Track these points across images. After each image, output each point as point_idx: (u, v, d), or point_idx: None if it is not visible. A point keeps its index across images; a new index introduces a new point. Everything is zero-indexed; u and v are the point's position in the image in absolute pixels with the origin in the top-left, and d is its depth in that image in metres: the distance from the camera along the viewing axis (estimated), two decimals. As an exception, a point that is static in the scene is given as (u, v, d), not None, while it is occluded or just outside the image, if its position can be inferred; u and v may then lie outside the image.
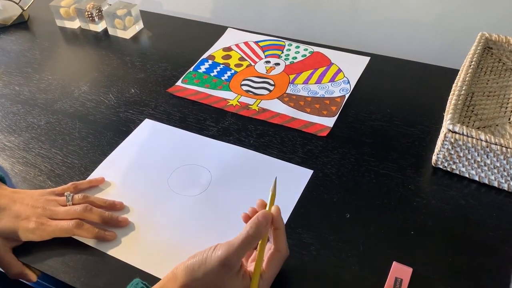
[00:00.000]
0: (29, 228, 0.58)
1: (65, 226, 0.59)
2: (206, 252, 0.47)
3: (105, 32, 1.05)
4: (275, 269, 0.50)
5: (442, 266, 0.55)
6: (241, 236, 0.47)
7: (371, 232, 0.59)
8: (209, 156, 0.71)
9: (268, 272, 0.50)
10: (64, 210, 0.61)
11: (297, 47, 0.94)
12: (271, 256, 0.50)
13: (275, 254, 0.50)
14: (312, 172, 0.67)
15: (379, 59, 0.89)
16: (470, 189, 0.64)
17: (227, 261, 0.46)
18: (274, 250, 0.51)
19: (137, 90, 0.86)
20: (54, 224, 0.59)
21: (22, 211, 0.60)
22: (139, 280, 0.51)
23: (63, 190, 0.65)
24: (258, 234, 0.48)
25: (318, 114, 0.77)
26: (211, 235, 0.60)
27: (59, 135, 0.78)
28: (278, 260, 0.51)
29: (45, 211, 0.60)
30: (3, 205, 0.60)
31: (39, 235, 0.59)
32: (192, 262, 0.47)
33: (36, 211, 0.60)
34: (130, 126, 0.78)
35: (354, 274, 0.55)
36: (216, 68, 0.91)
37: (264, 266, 0.50)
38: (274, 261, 0.50)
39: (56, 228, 0.59)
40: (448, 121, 0.61)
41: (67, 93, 0.87)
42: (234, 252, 0.46)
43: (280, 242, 0.51)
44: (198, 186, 0.67)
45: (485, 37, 0.76)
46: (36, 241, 0.59)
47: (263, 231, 0.48)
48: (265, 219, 0.49)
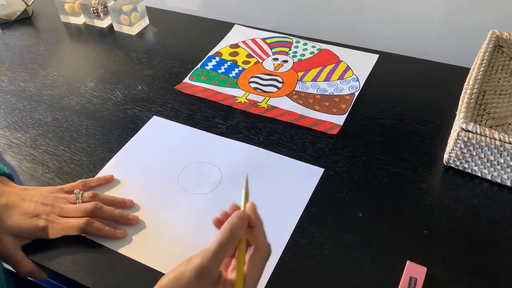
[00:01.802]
0: (38, 226, 0.58)
1: (75, 224, 0.59)
2: (179, 267, 0.43)
3: (110, 28, 1.04)
4: (259, 270, 0.45)
5: (456, 265, 0.55)
6: (215, 242, 0.43)
7: (384, 231, 0.59)
8: (219, 153, 0.71)
9: (251, 275, 0.44)
10: (74, 208, 0.60)
11: (305, 44, 0.94)
12: (251, 257, 0.45)
13: (256, 254, 0.45)
14: (323, 171, 0.67)
15: (388, 57, 0.89)
16: (482, 188, 0.64)
17: (203, 270, 0.41)
18: (254, 250, 0.46)
19: (144, 87, 0.86)
20: (64, 222, 0.59)
21: (32, 209, 0.59)
22: None
23: (72, 187, 0.64)
24: (234, 238, 0.43)
25: (327, 112, 0.77)
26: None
27: (66, 132, 0.77)
28: (260, 259, 0.45)
29: (54, 209, 0.60)
30: (12, 202, 0.60)
31: (48, 233, 0.58)
32: (167, 282, 0.43)
33: (45, 209, 0.59)
34: (138, 123, 0.77)
35: (367, 273, 0.55)
36: (223, 65, 0.90)
37: (246, 269, 0.45)
38: (256, 261, 0.45)
39: (66, 226, 0.58)
40: (461, 120, 0.61)
41: (73, 89, 0.87)
42: (209, 260, 0.42)
43: (259, 240, 0.45)
44: (208, 184, 0.66)
45: (496, 35, 0.76)
46: (46, 238, 0.59)
47: (238, 234, 0.44)
48: (240, 220, 0.44)
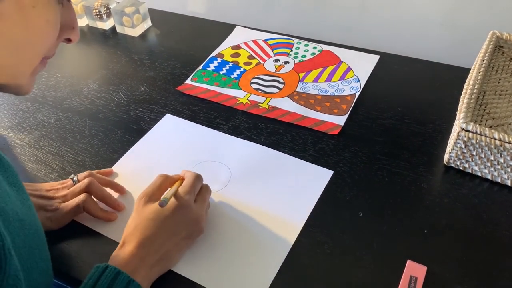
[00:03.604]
0: (46, 217, 0.60)
1: (75, 202, 0.61)
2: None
3: (113, 30, 1.05)
4: (188, 183, 0.58)
5: (456, 264, 0.55)
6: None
7: (384, 230, 0.59)
8: (229, 153, 0.72)
9: (182, 187, 0.58)
10: (72, 190, 0.63)
11: (306, 45, 0.94)
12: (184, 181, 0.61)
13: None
14: (333, 173, 0.67)
15: (389, 58, 0.89)
16: (482, 187, 0.64)
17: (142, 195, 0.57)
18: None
19: (146, 88, 0.86)
20: (64, 205, 0.61)
21: (35, 203, 0.60)
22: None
23: (67, 180, 0.66)
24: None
25: (328, 113, 0.77)
26: (231, 231, 0.60)
27: (69, 133, 0.78)
28: (187, 179, 0.59)
29: (55, 199, 0.62)
30: None
31: (56, 221, 0.60)
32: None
33: (48, 202, 0.62)
34: (140, 124, 0.78)
35: (368, 272, 0.55)
36: (225, 66, 0.90)
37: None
38: (186, 181, 0.59)
39: (67, 208, 0.61)
40: (461, 120, 0.61)
41: (76, 91, 0.87)
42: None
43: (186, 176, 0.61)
44: (218, 182, 0.67)
45: (496, 36, 0.76)
46: (55, 229, 0.61)
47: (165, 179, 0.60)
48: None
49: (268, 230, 0.60)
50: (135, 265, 0.50)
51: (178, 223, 0.55)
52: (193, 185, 0.58)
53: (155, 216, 0.54)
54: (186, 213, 0.56)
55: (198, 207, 0.57)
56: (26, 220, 0.45)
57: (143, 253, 0.52)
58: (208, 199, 0.61)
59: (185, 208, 0.56)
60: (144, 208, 0.55)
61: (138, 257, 0.51)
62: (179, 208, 0.55)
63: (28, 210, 0.47)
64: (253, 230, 0.60)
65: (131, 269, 0.50)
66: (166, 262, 0.54)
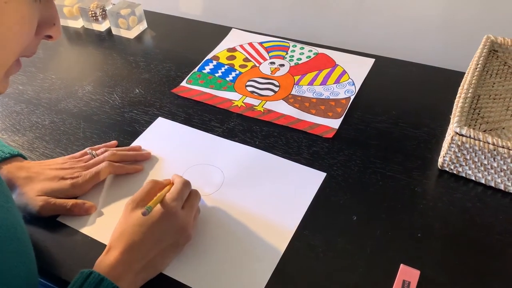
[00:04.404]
0: (67, 184, 0.63)
1: (100, 168, 0.66)
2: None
3: (108, 31, 1.05)
4: (176, 190, 0.58)
5: (450, 269, 0.55)
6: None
7: (378, 234, 0.59)
8: (222, 156, 0.72)
9: (169, 194, 0.58)
10: (93, 161, 0.67)
11: (301, 48, 0.94)
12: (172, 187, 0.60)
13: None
14: (325, 175, 0.67)
15: (384, 61, 0.89)
16: (476, 192, 0.64)
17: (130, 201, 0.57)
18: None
19: (141, 90, 0.86)
20: (88, 171, 0.65)
21: (55, 174, 0.64)
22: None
23: (82, 154, 0.70)
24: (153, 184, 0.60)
25: (323, 116, 0.77)
26: (223, 235, 0.60)
27: (64, 135, 0.77)
28: (176, 186, 0.59)
29: (75, 169, 0.66)
30: (34, 174, 0.64)
31: (80, 187, 0.64)
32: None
33: (68, 171, 0.65)
34: (135, 126, 0.78)
35: (361, 276, 0.55)
36: (220, 68, 0.90)
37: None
38: (174, 187, 0.59)
39: (91, 174, 0.65)
40: (455, 124, 0.61)
41: (71, 92, 0.87)
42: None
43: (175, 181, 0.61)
44: (210, 186, 0.67)
45: (491, 40, 0.76)
46: (81, 195, 0.65)
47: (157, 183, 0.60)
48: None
49: (260, 233, 0.60)
50: (120, 272, 0.50)
51: (164, 230, 0.54)
52: (180, 191, 0.58)
53: (141, 223, 0.54)
54: (172, 220, 0.55)
55: (185, 214, 0.57)
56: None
57: (129, 260, 0.51)
58: (196, 205, 0.60)
59: (171, 215, 0.55)
60: (131, 214, 0.55)
61: (123, 263, 0.51)
62: (165, 215, 0.55)
63: (5, 213, 0.46)
64: (246, 233, 0.60)
65: (116, 275, 0.49)
66: (151, 269, 0.54)
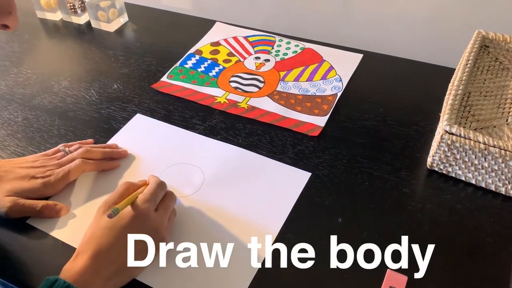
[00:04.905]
0: (38, 183, 0.60)
1: (73, 166, 0.62)
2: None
3: (88, 24, 1.01)
4: (149, 191, 0.55)
5: (439, 274, 0.52)
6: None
7: (364, 237, 0.57)
8: (203, 155, 0.68)
9: (142, 195, 0.55)
10: (66, 158, 0.64)
11: (288, 43, 0.91)
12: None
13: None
14: (310, 175, 0.64)
15: (372, 57, 0.87)
16: (466, 192, 0.62)
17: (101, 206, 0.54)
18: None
19: (120, 85, 0.83)
20: (61, 169, 0.62)
21: (26, 173, 0.61)
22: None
23: (55, 151, 0.66)
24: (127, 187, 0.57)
25: (309, 113, 0.74)
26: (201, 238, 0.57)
27: (37, 132, 0.74)
28: (149, 187, 0.57)
29: (47, 168, 0.62)
30: (3, 172, 0.61)
31: (52, 186, 0.61)
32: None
33: (39, 170, 0.62)
34: (112, 124, 0.74)
35: (346, 282, 0.52)
36: (203, 63, 0.87)
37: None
38: (147, 189, 0.56)
39: (64, 171, 0.61)
40: (444, 122, 0.59)
41: (47, 88, 0.83)
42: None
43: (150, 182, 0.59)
44: (189, 186, 0.64)
45: (482, 35, 0.74)
46: (53, 194, 0.62)
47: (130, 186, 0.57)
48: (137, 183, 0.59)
49: (241, 237, 0.57)
50: (87, 278, 0.47)
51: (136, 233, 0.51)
52: (153, 192, 0.55)
53: (111, 226, 0.51)
54: (144, 222, 0.52)
55: (158, 216, 0.54)
56: None
57: (98, 265, 0.48)
58: (171, 207, 0.57)
59: (142, 217, 0.52)
60: (102, 217, 0.52)
61: (92, 269, 0.47)
62: (136, 217, 0.52)
63: None
64: (225, 237, 0.57)
65: (83, 282, 0.46)
66: (124, 275, 0.51)
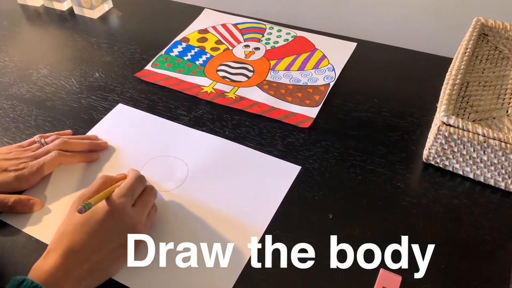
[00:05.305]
0: (11, 177, 0.56)
1: (49, 158, 0.58)
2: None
3: (70, 11, 0.97)
4: (126, 185, 0.52)
5: (434, 273, 0.50)
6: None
7: (356, 235, 0.53)
8: (187, 147, 0.65)
9: (119, 189, 0.52)
10: (42, 150, 0.60)
11: (279, 31, 0.87)
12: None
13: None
14: (300, 169, 0.61)
15: (366, 45, 0.83)
16: (464, 187, 0.59)
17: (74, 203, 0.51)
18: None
19: (102, 74, 0.79)
20: (36, 162, 0.58)
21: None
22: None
23: (30, 142, 0.63)
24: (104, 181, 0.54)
25: (300, 104, 0.71)
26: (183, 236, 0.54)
27: (13, 122, 0.70)
28: (126, 181, 0.53)
29: (20, 160, 0.59)
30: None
31: (26, 179, 0.57)
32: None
33: (12, 162, 0.58)
34: (92, 114, 0.71)
35: (337, 282, 0.49)
36: (190, 51, 0.83)
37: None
38: (125, 182, 0.53)
39: (39, 164, 0.58)
40: (442, 113, 0.56)
41: (25, 76, 0.79)
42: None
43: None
44: (172, 180, 0.60)
45: (481, 23, 0.71)
46: (26, 188, 0.58)
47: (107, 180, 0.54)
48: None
49: (226, 234, 0.54)
50: (58, 278, 0.43)
51: (111, 230, 0.48)
52: (130, 186, 0.52)
53: (83, 222, 0.47)
54: (119, 218, 0.49)
55: (135, 212, 0.50)
56: None
57: (69, 264, 0.45)
58: (151, 202, 0.54)
59: (118, 213, 0.49)
60: (76, 212, 0.48)
61: (63, 268, 0.44)
62: (111, 213, 0.48)
63: None
64: (209, 234, 0.54)
65: (54, 282, 0.43)
66: (99, 274, 0.47)
